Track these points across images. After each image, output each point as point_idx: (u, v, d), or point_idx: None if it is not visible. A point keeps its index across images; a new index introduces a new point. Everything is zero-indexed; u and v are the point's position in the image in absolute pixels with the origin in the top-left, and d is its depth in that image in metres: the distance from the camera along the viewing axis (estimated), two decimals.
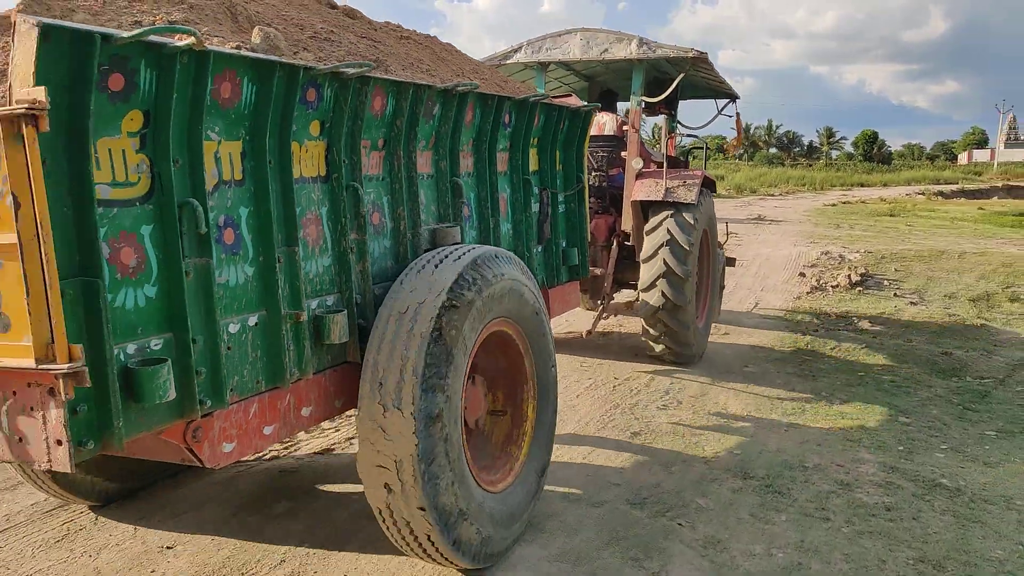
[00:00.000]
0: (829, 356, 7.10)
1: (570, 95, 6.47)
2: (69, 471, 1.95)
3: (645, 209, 6.34)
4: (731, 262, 7.86)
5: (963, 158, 79.92)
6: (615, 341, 7.35)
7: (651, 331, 6.24)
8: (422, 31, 4.34)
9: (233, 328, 2.34)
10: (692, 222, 6.05)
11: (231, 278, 2.35)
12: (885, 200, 29.90)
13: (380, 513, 2.81)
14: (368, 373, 2.70)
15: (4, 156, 1.79)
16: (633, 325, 7.90)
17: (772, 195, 32.84)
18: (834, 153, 78.36)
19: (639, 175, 6.41)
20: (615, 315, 7.83)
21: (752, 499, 3.91)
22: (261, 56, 2.37)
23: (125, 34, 1.96)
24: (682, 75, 6.45)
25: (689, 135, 8.24)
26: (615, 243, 6.46)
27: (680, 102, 7.85)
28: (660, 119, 8.38)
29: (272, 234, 2.46)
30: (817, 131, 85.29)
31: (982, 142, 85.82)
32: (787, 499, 3.94)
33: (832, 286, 10.39)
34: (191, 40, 2.05)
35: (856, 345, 7.52)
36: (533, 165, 4.36)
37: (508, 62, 6.69)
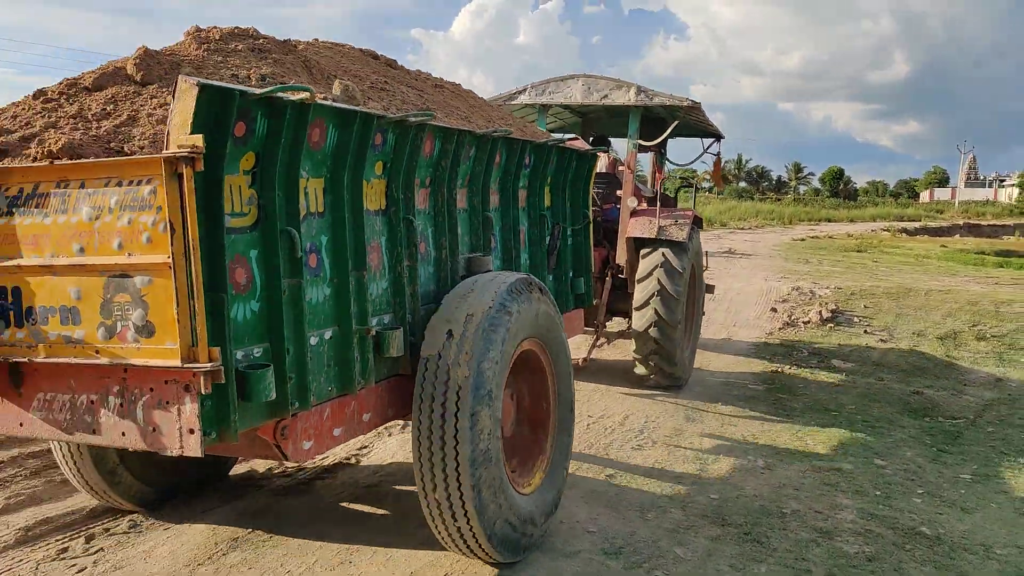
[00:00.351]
0: (802, 395, 7.04)
1: (577, 138, 6.88)
2: (199, 455, 2.27)
3: (639, 245, 6.64)
4: (710, 289, 8.11)
5: (925, 196, 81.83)
6: (589, 374, 7.23)
7: (644, 366, 6.61)
8: (398, 58, 4.51)
9: (314, 340, 2.70)
10: (681, 262, 6.42)
11: (314, 297, 2.72)
12: (852, 236, 30.37)
13: (429, 508, 3.12)
14: (423, 384, 3.07)
15: (163, 190, 2.16)
16: (604, 356, 7.80)
17: (742, 228, 33.20)
18: (802, 188, 79.74)
19: (634, 213, 6.74)
20: (608, 343, 7.90)
21: (731, 549, 3.78)
22: (347, 107, 2.83)
23: (258, 91, 2.38)
24: (676, 122, 7.04)
25: (682, 177, 8.98)
26: (608, 275, 6.69)
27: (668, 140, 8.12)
28: (648, 155, 8.70)
29: (346, 259, 2.86)
30: (785, 166, 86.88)
31: (943, 181, 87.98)
32: (766, 549, 3.82)
33: (804, 322, 10.40)
34: (306, 95, 2.51)
35: (829, 383, 7.49)
36: (547, 201, 4.79)
37: (513, 103, 7.06)
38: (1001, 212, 55.22)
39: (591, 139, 7.91)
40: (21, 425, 2.57)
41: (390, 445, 5.09)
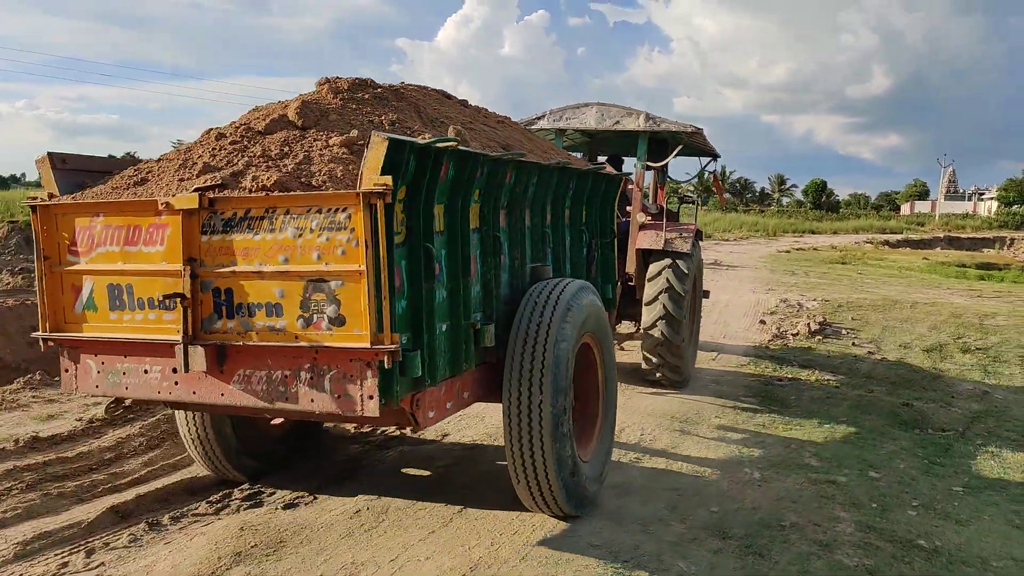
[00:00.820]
0: (794, 407, 7.10)
1: (606, 164, 7.24)
2: (376, 416, 3.06)
3: (647, 255, 7.30)
4: (705, 294, 8.72)
5: (905, 209, 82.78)
6: None
7: (652, 360, 7.16)
8: (383, 68, 5.07)
9: (439, 331, 3.39)
10: (686, 267, 7.13)
11: (438, 297, 3.40)
12: (836, 248, 30.66)
13: (516, 471, 3.85)
14: (512, 368, 3.78)
15: (358, 216, 2.93)
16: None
17: (727, 240, 33.41)
18: (785, 200, 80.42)
19: (642, 226, 7.40)
20: (619, 345, 8.31)
21: (733, 562, 3.80)
22: (468, 149, 3.55)
23: (421, 141, 3.16)
24: (680, 146, 7.81)
25: (684, 198, 9.67)
26: (619, 282, 7.02)
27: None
28: (650, 173, 9.12)
29: (457, 268, 3.56)
30: (769, 178, 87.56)
31: (923, 194, 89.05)
32: (768, 562, 3.84)
33: (792, 334, 10.48)
34: (453, 143, 3.30)
35: (820, 395, 7.55)
36: (584, 218, 5.46)
37: (533, 127, 7.62)
38: (980, 225, 55.94)
39: (606, 159, 8.33)
40: (222, 395, 3.27)
41: (389, 460, 5.07)
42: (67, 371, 3.54)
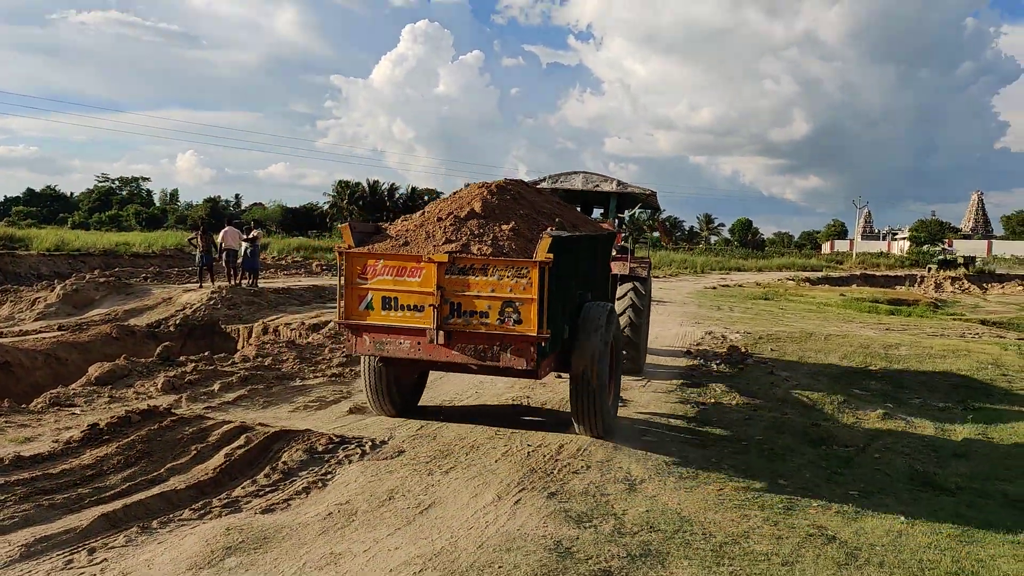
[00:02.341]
0: (716, 427, 7.84)
1: (606, 222, 9.93)
2: (532, 369, 5.86)
3: (616, 279, 9.74)
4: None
5: (826, 247, 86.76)
6: (522, 411, 7.86)
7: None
8: (318, 104, 6.34)
9: (553, 330, 5.88)
10: (644, 288, 9.87)
11: (557, 312, 5.95)
12: (760, 284, 32.21)
13: (578, 413, 6.56)
14: (582, 350, 6.37)
15: (534, 272, 5.60)
16: (540, 398, 8.45)
17: (657, 277, 34.68)
18: (713, 238, 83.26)
19: (613, 259, 9.57)
20: None
21: (661, 548, 4.45)
22: (574, 233, 6.48)
23: (565, 233, 6.13)
24: (639, 204, 11.28)
25: (639, 240, 13.07)
26: None
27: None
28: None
29: (560, 297, 6.04)
30: (697, 217, 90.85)
31: (842, 233, 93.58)
32: (691, 549, 4.51)
33: (716, 363, 11.34)
34: (567, 233, 6.20)
35: (739, 417, 8.33)
36: (600, 260, 8.19)
37: (538, 185, 9.68)
38: (894, 263, 59.21)
39: (579, 208, 10.73)
40: (447, 356, 5.93)
41: (351, 472, 5.58)
42: (349, 341, 6.19)
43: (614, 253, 9.59)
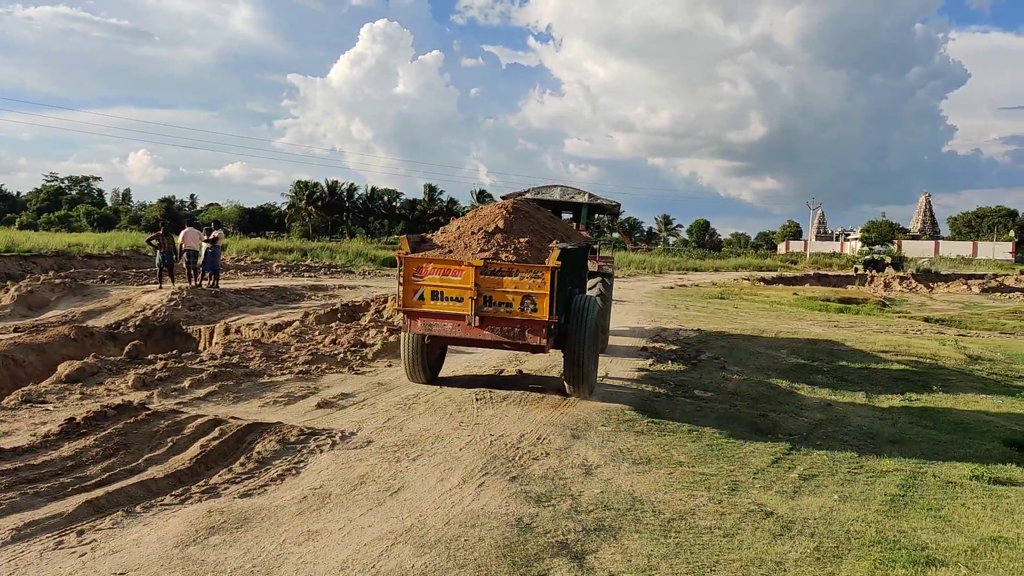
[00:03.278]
0: (669, 418, 8.29)
1: (585, 231, 12.20)
2: (543, 345, 7.81)
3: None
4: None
5: (782, 248, 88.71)
6: (487, 403, 8.22)
7: None
8: (274, 103, 6.33)
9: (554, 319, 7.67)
10: (609, 282, 11.87)
11: (559, 302, 7.82)
12: (716, 284, 33.00)
13: (571, 380, 8.43)
14: (575, 331, 8.16)
15: (547, 275, 7.51)
16: (527, 368, 8.82)
17: (616, 277, 35.28)
18: (671, 239, 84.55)
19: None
20: None
21: (614, 524, 4.86)
22: (573, 245, 8.70)
23: (566, 246, 8.11)
24: (606, 213, 14.17)
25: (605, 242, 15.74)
26: None
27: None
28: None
29: (562, 291, 7.93)
30: (656, 218, 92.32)
31: (797, 234, 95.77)
32: (641, 524, 4.92)
33: (671, 359, 11.83)
34: (570, 246, 8.35)
35: (692, 409, 8.80)
36: (583, 261, 10.26)
37: (522, 196, 11.96)
38: (846, 263, 60.88)
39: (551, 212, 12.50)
40: (481, 336, 7.79)
41: (323, 460, 5.89)
42: (406, 324, 7.98)
43: None
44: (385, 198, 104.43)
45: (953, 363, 13.00)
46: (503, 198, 11.63)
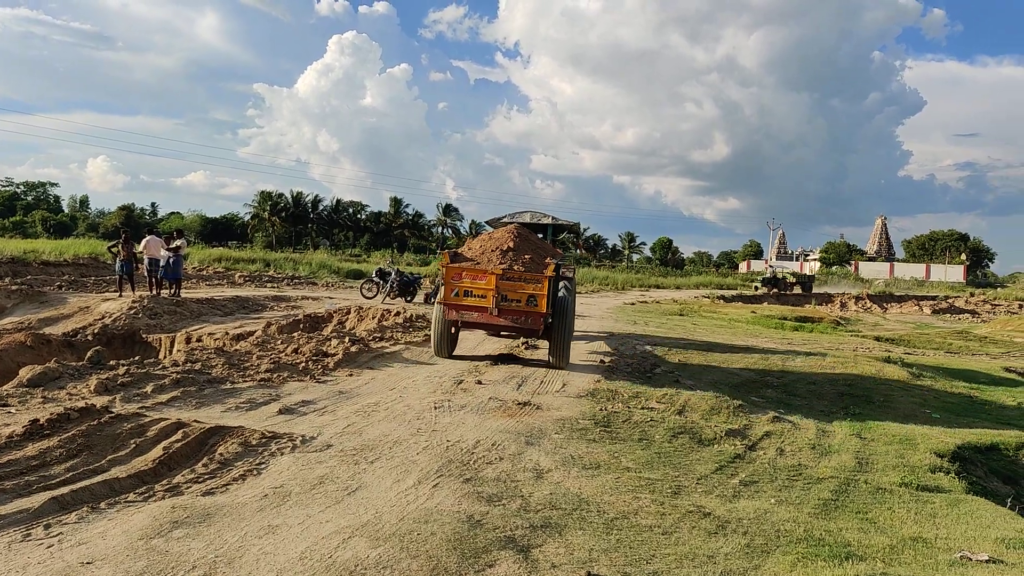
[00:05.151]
0: (623, 428, 8.63)
1: (559, 250, 14.40)
2: (539, 330, 11.61)
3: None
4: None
5: (743, 267, 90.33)
6: (445, 411, 8.50)
7: None
8: (239, 113, 6.43)
9: (549, 311, 11.66)
10: (572, 286, 13.13)
11: (550, 298, 11.45)
12: (677, 301, 33.64)
13: (553, 356, 11.92)
14: (559, 321, 11.62)
15: (545, 281, 11.16)
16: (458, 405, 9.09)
17: (579, 293, 35.75)
18: (635, 256, 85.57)
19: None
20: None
21: (560, 522, 5.16)
22: (560, 262, 12.55)
23: (558, 260, 12.67)
24: (566, 230, 17.02)
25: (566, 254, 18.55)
26: None
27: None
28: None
29: (551, 291, 11.58)
30: (620, 235, 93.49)
31: (758, 253, 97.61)
32: (586, 522, 5.23)
33: (627, 372, 12.21)
34: (562, 262, 13.23)
35: (644, 420, 9.15)
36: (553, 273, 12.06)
37: (501, 220, 15.06)
38: (822, 283, 62.26)
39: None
40: (500, 321, 11.32)
41: (284, 462, 6.11)
42: (445, 313, 11.53)
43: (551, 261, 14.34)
44: (350, 210, 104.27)
45: (895, 379, 13.58)
46: (487, 223, 15.91)
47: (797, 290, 49.72)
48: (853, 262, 69.66)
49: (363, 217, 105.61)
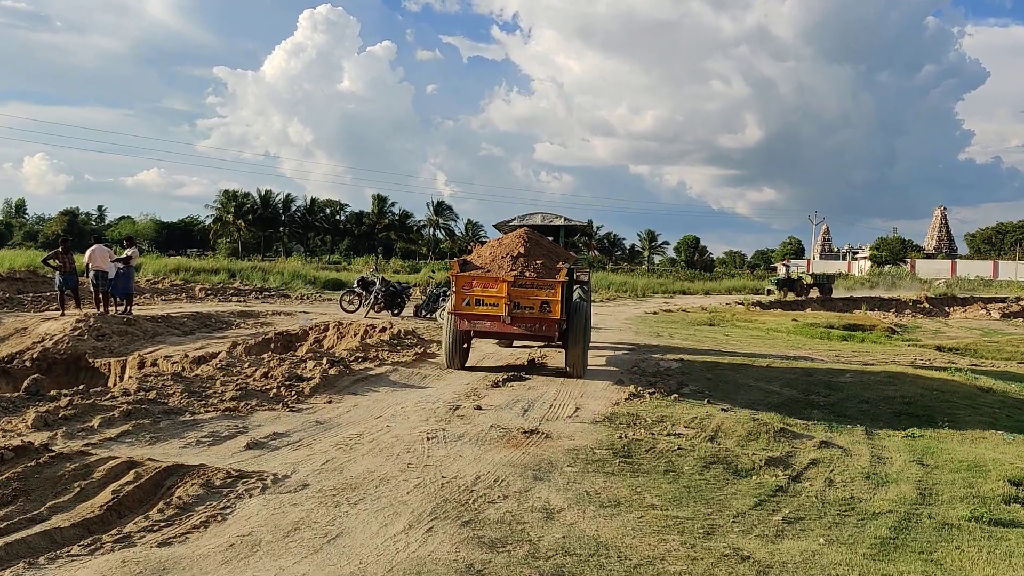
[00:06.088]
0: (646, 459, 8.59)
1: (572, 253, 15.89)
2: (555, 338, 13.12)
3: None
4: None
5: (781, 268, 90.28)
6: (440, 443, 8.47)
7: None
8: (198, 99, 6.34)
9: (563, 317, 12.83)
10: (587, 288, 13.90)
11: (565, 302, 12.72)
12: (706, 309, 33.64)
13: (571, 365, 13.12)
14: (574, 329, 12.91)
15: (559, 286, 12.40)
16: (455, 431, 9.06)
17: (594, 302, 35.77)
18: (657, 258, 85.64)
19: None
20: None
21: (574, 570, 5.13)
22: (572, 266, 13.76)
23: (571, 265, 13.55)
24: (579, 232, 19.42)
25: (580, 257, 20.02)
26: None
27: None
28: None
29: (565, 296, 12.73)
30: (639, 234, 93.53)
31: (799, 252, 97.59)
32: (604, 570, 5.19)
33: (649, 392, 12.18)
34: (574, 265, 14.05)
35: (671, 448, 9.12)
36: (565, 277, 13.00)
37: (510, 223, 16.01)
38: (853, 285, 62.18)
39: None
40: (513, 330, 12.63)
41: (253, 506, 6.09)
42: (455, 323, 12.69)
43: (564, 265, 14.91)
44: (327, 210, 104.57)
45: (961, 395, 13.53)
46: (495, 226, 16.81)
47: (814, 293, 49.67)
48: (909, 260, 69.67)
49: (342, 218, 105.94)
